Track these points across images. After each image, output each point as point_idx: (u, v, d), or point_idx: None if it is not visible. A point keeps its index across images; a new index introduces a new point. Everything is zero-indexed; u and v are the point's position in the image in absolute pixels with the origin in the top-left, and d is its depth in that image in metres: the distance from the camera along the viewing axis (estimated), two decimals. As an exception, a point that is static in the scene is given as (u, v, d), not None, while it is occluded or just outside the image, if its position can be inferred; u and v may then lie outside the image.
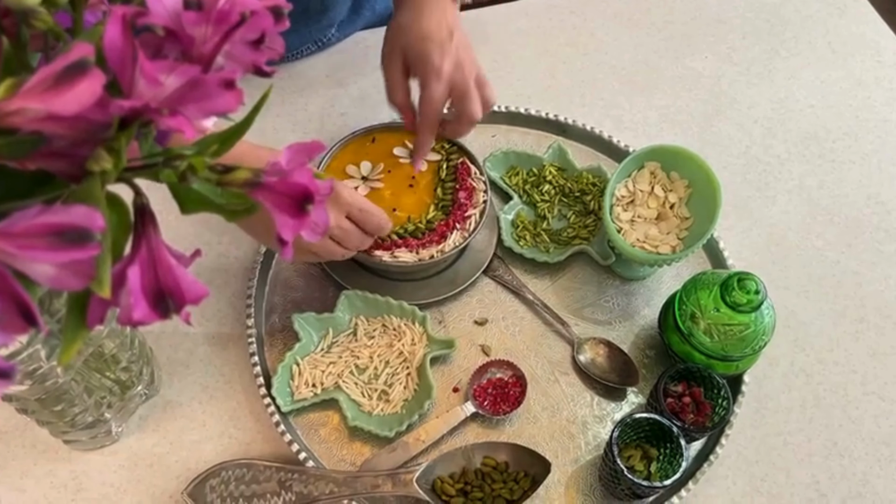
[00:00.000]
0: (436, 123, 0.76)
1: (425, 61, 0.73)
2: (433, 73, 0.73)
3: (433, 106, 0.74)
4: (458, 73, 0.74)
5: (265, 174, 0.37)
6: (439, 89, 0.74)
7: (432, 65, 0.73)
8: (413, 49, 0.74)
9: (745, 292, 0.68)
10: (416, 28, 0.75)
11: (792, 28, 1.08)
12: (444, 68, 0.73)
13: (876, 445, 0.77)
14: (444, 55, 0.73)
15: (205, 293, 0.35)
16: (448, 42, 0.74)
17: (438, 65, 0.73)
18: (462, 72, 0.74)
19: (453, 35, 0.75)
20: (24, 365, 0.54)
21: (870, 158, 0.96)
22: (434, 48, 0.73)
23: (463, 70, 0.74)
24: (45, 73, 0.29)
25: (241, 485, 0.68)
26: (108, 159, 0.33)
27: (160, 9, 0.33)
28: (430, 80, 0.73)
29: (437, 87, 0.73)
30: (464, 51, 0.75)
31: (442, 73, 0.73)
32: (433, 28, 0.74)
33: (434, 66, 0.73)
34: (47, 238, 0.31)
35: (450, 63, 0.73)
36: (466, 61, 0.75)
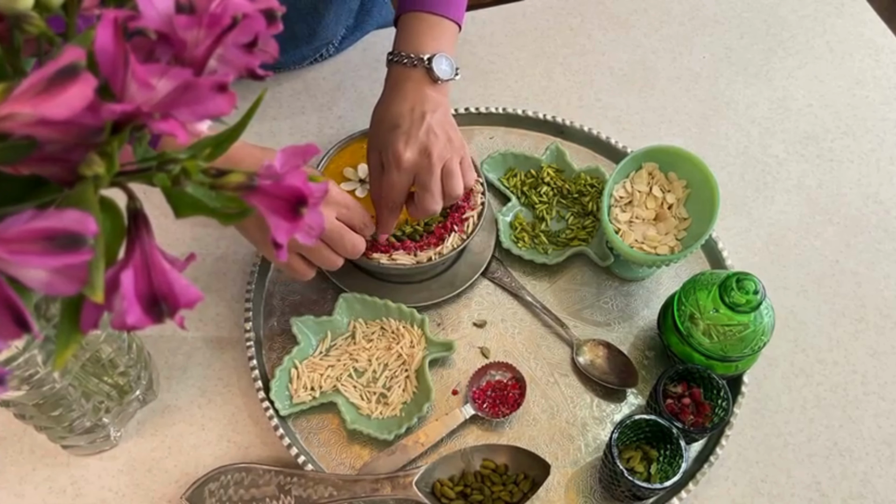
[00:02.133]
0: (395, 209, 0.73)
1: (388, 150, 0.71)
2: (393, 162, 0.70)
3: (391, 193, 0.71)
4: (422, 160, 0.70)
5: (259, 177, 0.36)
6: (398, 177, 0.71)
7: (394, 153, 0.70)
8: (381, 139, 0.72)
9: (744, 293, 0.68)
10: (388, 116, 0.72)
11: (790, 28, 1.08)
12: (405, 157, 0.70)
13: (876, 445, 0.76)
14: (408, 143, 0.70)
15: (199, 297, 0.35)
16: (416, 128, 0.70)
17: (399, 153, 0.70)
18: (427, 160, 0.70)
19: (424, 119, 0.71)
20: (21, 370, 0.54)
21: (868, 158, 0.96)
22: (399, 137, 0.70)
23: (430, 157, 0.70)
24: (36, 77, 0.29)
25: (240, 489, 0.68)
26: (100, 164, 0.33)
27: (152, 12, 0.33)
28: (389, 168, 0.71)
29: (396, 175, 0.70)
30: (434, 136, 0.71)
31: (402, 161, 0.70)
32: (405, 114, 0.72)
33: (395, 155, 0.70)
34: (40, 243, 0.31)
35: (412, 151, 0.70)
36: (436, 147, 0.70)
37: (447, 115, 0.74)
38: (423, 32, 0.75)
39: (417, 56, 0.74)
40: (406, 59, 0.74)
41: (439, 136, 0.71)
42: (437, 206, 0.72)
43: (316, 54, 0.97)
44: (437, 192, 0.71)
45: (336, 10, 0.94)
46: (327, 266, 0.71)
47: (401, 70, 0.74)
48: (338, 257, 0.71)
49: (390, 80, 0.75)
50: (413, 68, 0.74)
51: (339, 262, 0.71)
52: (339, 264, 0.71)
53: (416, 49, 0.74)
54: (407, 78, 0.74)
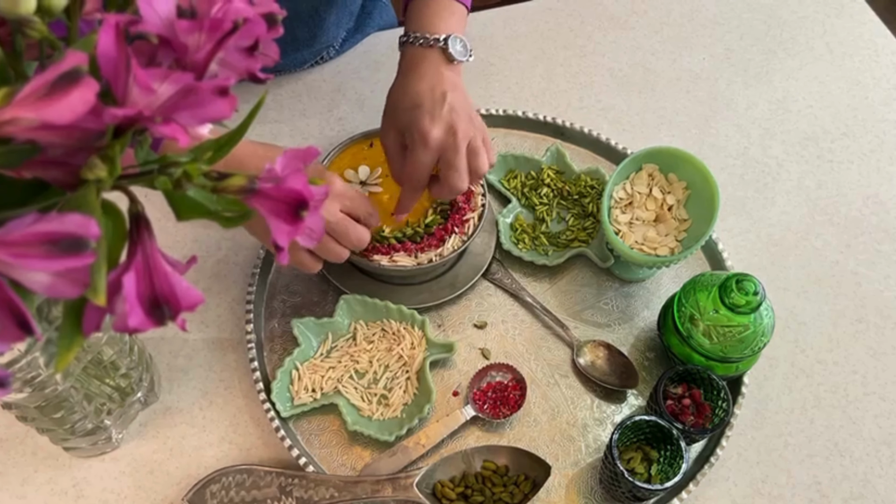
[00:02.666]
0: (420, 187, 0.73)
1: (413, 128, 0.70)
2: (419, 141, 0.70)
3: (417, 172, 0.71)
4: (448, 138, 0.70)
5: (260, 180, 0.37)
6: (425, 156, 0.70)
7: (420, 131, 0.70)
8: (403, 118, 0.72)
9: (744, 293, 0.68)
10: (407, 96, 0.72)
11: (789, 29, 1.08)
12: (432, 135, 0.69)
13: (877, 446, 0.76)
14: (434, 121, 0.70)
15: (200, 300, 0.35)
16: (439, 106, 0.70)
17: (426, 131, 0.69)
18: (454, 138, 0.70)
19: (446, 98, 0.71)
20: (23, 373, 0.54)
21: (868, 158, 0.96)
22: (424, 115, 0.70)
23: (455, 136, 0.70)
24: (39, 82, 0.29)
25: (242, 490, 0.68)
26: (102, 167, 0.33)
27: (153, 17, 0.33)
28: (415, 147, 0.70)
29: (423, 153, 0.70)
30: (457, 114, 0.71)
31: (428, 140, 0.69)
32: (425, 93, 0.71)
33: (421, 133, 0.70)
34: (42, 246, 0.31)
35: (439, 129, 0.70)
36: (461, 125, 0.70)
37: (465, 95, 0.73)
38: (436, 14, 0.75)
39: (433, 36, 0.73)
40: (422, 40, 0.74)
41: (461, 115, 0.71)
42: (465, 184, 0.72)
43: (316, 57, 0.98)
44: (464, 169, 0.71)
45: (337, 13, 0.94)
46: (333, 259, 0.70)
47: (416, 51, 0.74)
48: (343, 250, 0.70)
49: (405, 61, 0.75)
50: (429, 49, 0.73)
51: (346, 254, 0.71)
52: (345, 257, 0.71)
53: (430, 30, 0.74)
54: (423, 58, 0.73)
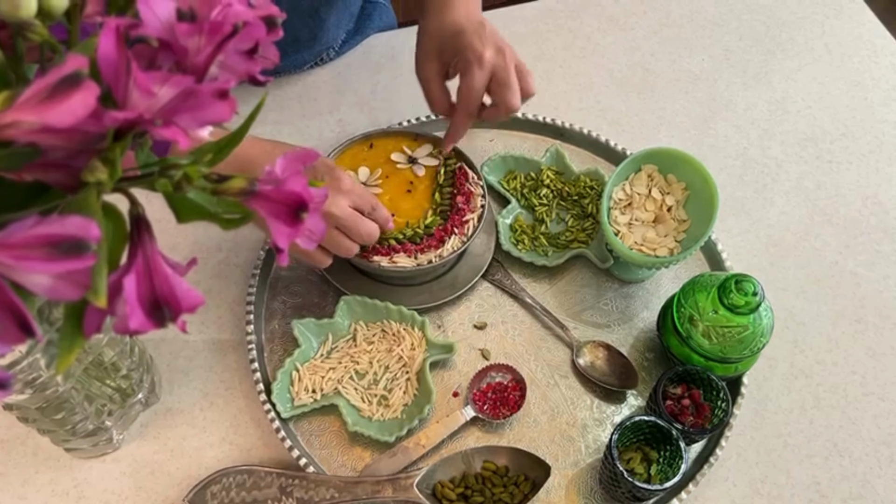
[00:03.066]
0: (475, 111, 0.74)
1: (465, 50, 0.71)
2: (475, 60, 0.71)
3: (473, 93, 0.72)
4: (499, 58, 0.72)
5: (260, 182, 0.37)
6: (481, 76, 0.71)
7: (474, 51, 0.71)
8: (449, 44, 0.73)
9: (743, 294, 0.68)
10: (446, 25, 0.73)
11: (788, 30, 1.08)
12: (486, 55, 0.71)
13: (876, 446, 0.77)
14: (484, 41, 0.71)
15: (200, 302, 0.35)
16: (482, 29, 0.72)
17: (480, 51, 0.71)
18: (504, 57, 0.72)
19: (485, 24, 0.73)
20: (24, 374, 0.55)
21: (867, 159, 0.96)
22: (472, 37, 0.71)
23: (504, 55, 0.72)
24: (40, 85, 0.30)
25: (242, 491, 0.68)
26: (103, 170, 0.33)
27: (154, 20, 0.33)
28: (471, 67, 0.71)
29: (479, 74, 0.71)
30: (499, 37, 0.73)
31: (483, 59, 0.71)
32: (463, 21, 0.73)
33: (476, 53, 0.71)
34: (43, 249, 0.31)
35: (490, 49, 0.71)
36: (507, 47, 0.73)
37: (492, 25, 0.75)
38: None
39: None
40: None
41: (498, 36, 0.73)
42: (519, 102, 0.74)
43: (317, 58, 0.98)
44: (517, 87, 0.73)
45: (337, 14, 0.94)
46: (343, 254, 0.71)
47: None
48: (353, 244, 0.71)
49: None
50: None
51: (355, 248, 0.71)
52: (354, 251, 0.71)
53: None
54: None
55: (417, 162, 0.82)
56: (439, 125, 0.92)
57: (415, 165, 0.82)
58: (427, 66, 0.75)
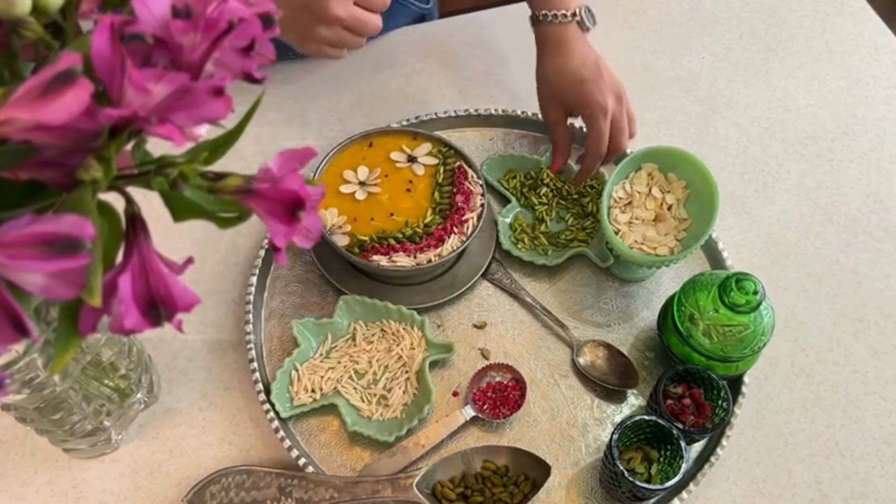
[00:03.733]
0: (602, 153, 0.81)
1: (589, 103, 0.79)
2: (600, 112, 0.79)
3: (602, 140, 0.80)
4: (618, 106, 0.80)
5: (256, 181, 0.37)
6: (605, 125, 0.80)
7: (598, 104, 0.79)
8: (572, 94, 0.80)
9: (744, 293, 0.68)
10: (566, 73, 0.80)
11: (789, 28, 1.08)
12: (609, 106, 0.79)
13: (878, 445, 0.76)
14: (605, 92, 0.79)
15: (196, 301, 0.35)
16: (600, 76, 0.80)
17: (603, 103, 0.79)
18: (620, 103, 0.81)
19: (600, 67, 0.80)
20: (22, 374, 0.54)
21: (868, 157, 0.96)
22: (593, 89, 0.79)
23: (621, 101, 0.81)
24: (33, 83, 0.29)
25: (242, 491, 0.68)
26: (98, 168, 0.33)
27: (148, 17, 0.33)
28: (597, 119, 0.79)
29: (605, 123, 0.79)
30: (614, 79, 0.81)
31: (608, 110, 0.79)
32: (580, 67, 0.80)
33: (600, 106, 0.79)
34: (38, 247, 0.31)
35: (611, 98, 0.80)
36: (623, 91, 0.81)
37: (603, 60, 0.83)
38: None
39: (570, 12, 0.81)
40: (560, 17, 0.81)
41: (615, 79, 0.81)
42: (627, 143, 0.83)
43: None
44: (627, 131, 0.82)
45: None
46: (354, 47, 0.74)
47: (555, 29, 0.82)
48: (361, 39, 0.74)
49: (547, 39, 0.83)
50: (567, 24, 0.81)
51: (363, 42, 0.74)
52: (362, 44, 0.74)
53: (563, 6, 0.82)
54: (565, 35, 0.82)
55: (417, 161, 0.82)
56: (438, 124, 0.92)
57: (414, 164, 0.82)
58: (552, 111, 0.84)
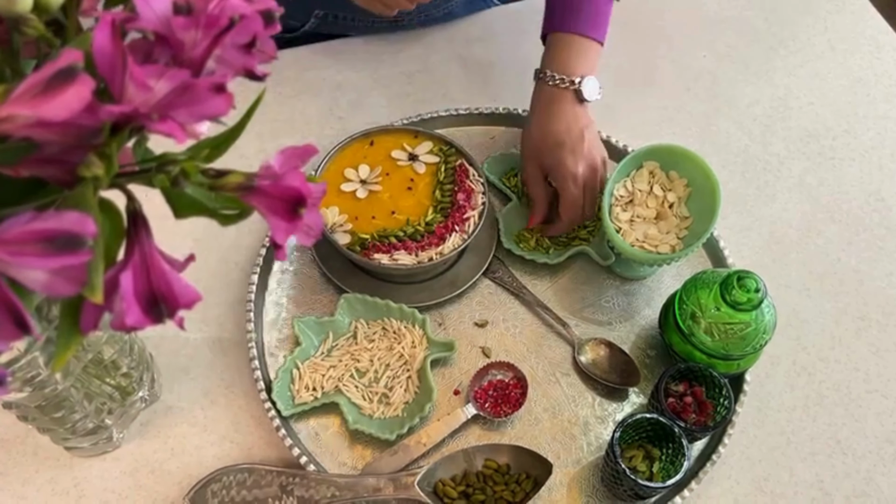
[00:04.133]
0: (577, 218, 0.82)
1: (561, 169, 0.79)
2: (570, 179, 0.79)
3: (574, 208, 0.80)
4: (590, 175, 0.80)
5: (258, 178, 0.37)
6: (577, 193, 0.79)
7: (568, 171, 0.79)
8: (548, 157, 0.80)
9: (745, 291, 0.68)
10: (548, 136, 0.80)
11: (790, 26, 1.08)
12: (579, 173, 0.79)
13: (879, 443, 0.76)
14: (578, 160, 0.79)
15: (198, 298, 0.35)
16: (580, 145, 0.79)
17: (574, 171, 0.79)
18: (594, 175, 0.80)
19: (584, 136, 0.79)
20: (23, 372, 0.54)
21: (870, 155, 0.96)
22: (567, 155, 0.79)
23: (595, 173, 0.80)
24: (34, 79, 0.29)
25: (243, 489, 0.68)
26: (99, 165, 0.33)
27: (150, 14, 0.33)
28: (567, 186, 0.79)
29: (575, 191, 0.79)
30: (594, 150, 0.80)
31: (578, 178, 0.79)
32: (563, 132, 0.79)
33: (570, 173, 0.79)
34: (39, 244, 0.31)
35: (583, 166, 0.79)
36: (598, 162, 0.80)
37: (595, 131, 0.82)
38: (574, 55, 0.82)
39: (569, 78, 0.80)
40: (559, 81, 0.80)
41: (596, 151, 0.80)
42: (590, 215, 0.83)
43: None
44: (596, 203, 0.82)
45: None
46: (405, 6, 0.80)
47: (552, 90, 0.81)
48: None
49: (542, 98, 0.82)
50: (564, 90, 0.80)
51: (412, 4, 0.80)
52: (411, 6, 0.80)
53: (567, 71, 0.81)
54: (559, 98, 0.80)
55: (418, 159, 0.82)
56: (439, 123, 0.92)
57: (415, 163, 0.82)
58: (529, 168, 0.82)
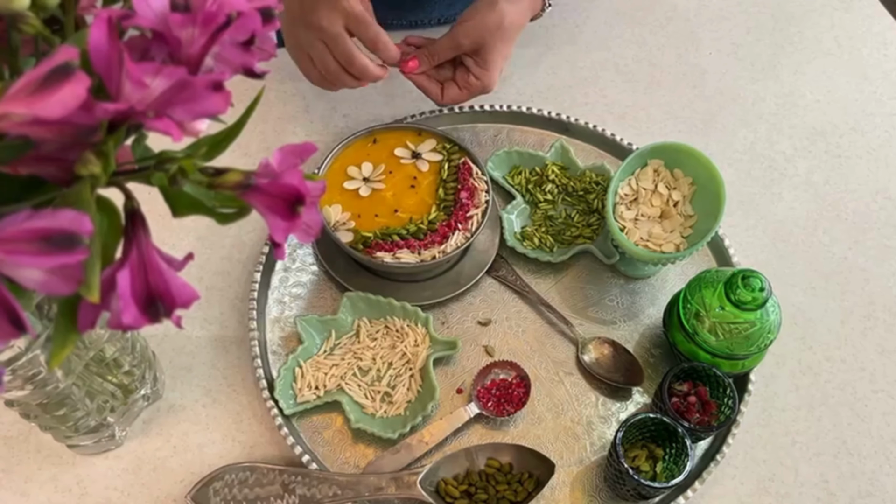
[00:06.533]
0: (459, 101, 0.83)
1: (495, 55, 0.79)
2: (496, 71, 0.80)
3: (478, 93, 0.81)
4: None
5: (256, 176, 0.36)
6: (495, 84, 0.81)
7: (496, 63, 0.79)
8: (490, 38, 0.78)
9: (750, 290, 0.67)
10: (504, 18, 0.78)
11: (797, 23, 1.07)
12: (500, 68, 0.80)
13: (885, 444, 0.76)
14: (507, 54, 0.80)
15: (195, 297, 0.35)
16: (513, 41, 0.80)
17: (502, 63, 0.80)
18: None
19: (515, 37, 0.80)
20: (24, 370, 0.54)
21: (877, 153, 0.95)
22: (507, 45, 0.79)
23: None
24: (30, 77, 0.29)
25: (245, 488, 0.68)
26: (96, 163, 0.33)
27: (147, 10, 0.33)
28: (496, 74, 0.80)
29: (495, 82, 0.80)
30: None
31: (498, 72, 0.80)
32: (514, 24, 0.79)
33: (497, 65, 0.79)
34: (35, 243, 0.31)
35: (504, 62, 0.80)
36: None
37: None
38: None
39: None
40: None
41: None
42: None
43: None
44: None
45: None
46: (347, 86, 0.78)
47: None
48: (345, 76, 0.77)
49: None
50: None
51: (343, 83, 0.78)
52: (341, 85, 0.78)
53: None
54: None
55: (421, 157, 0.82)
56: (443, 120, 0.91)
57: (418, 161, 0.82)
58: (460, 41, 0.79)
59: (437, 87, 0.82)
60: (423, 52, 0.80)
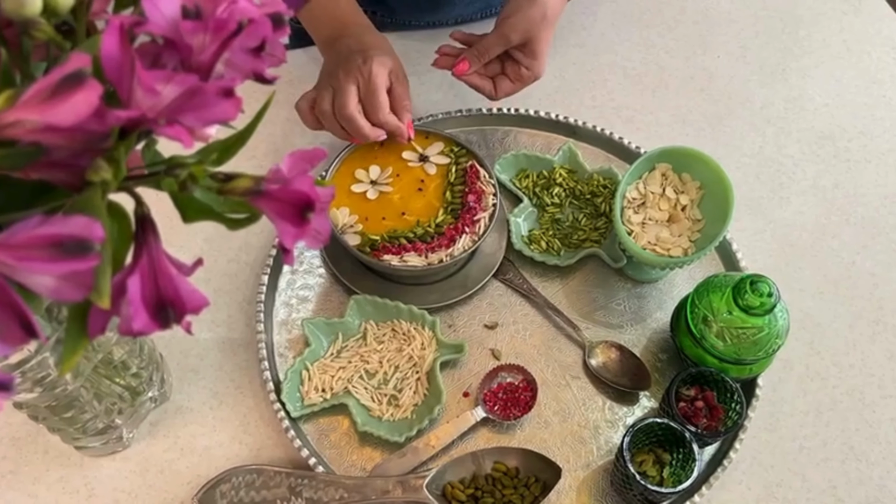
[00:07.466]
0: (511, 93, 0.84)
1: (543, 44, 0.80)
2: (544, 58, 0.81)
3: (527, 83, 0.83)
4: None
5: (266, 182, 0.36)
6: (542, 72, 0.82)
7: (544, 52, 0.81)
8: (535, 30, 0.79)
9: (758, 295, 0.67)
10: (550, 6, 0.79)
11: (805, 26, 1.07)
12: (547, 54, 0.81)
13: (893, 449, 0.75)
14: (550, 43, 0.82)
15: (205, 303, 0.35)
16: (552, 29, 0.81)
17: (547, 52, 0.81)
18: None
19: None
20: (34, 373, 0.55)
21: (886, 157, 0.95)
22: (550, 35, 0.80)
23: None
24: (42, 84, 0.29)
25: (252, 490, 0.68)
26: (107, 169, 0.33)
27: (158, 18, 0.33)
28: (543, 63, 0.81)
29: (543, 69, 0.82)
30: None
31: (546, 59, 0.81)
32: (554, 14, 0.80)
33: (545, 53, 0.81)
34: (47, 249, 0.31)
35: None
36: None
37: None
38: None
39: None
40: None
41: None
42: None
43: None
44: None
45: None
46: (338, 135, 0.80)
47: None
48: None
49: None
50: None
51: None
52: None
53: None
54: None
55: (429, 160, 0.82)
56: (450, 123, 0.91)
57: (426, 164, 0.82)
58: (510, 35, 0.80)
59: (489, 83, 0.83)
60: (471, 51, 0.81)
